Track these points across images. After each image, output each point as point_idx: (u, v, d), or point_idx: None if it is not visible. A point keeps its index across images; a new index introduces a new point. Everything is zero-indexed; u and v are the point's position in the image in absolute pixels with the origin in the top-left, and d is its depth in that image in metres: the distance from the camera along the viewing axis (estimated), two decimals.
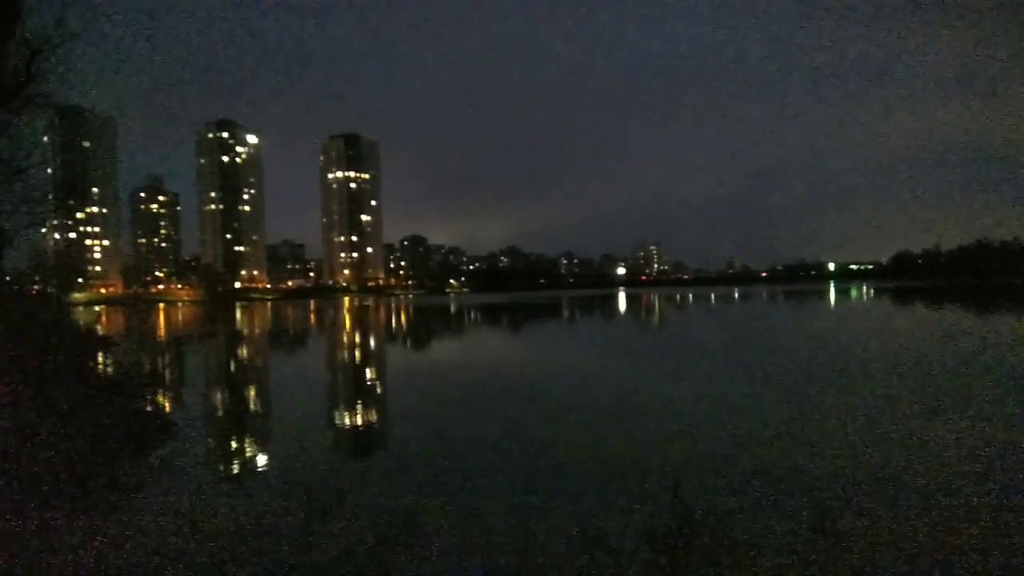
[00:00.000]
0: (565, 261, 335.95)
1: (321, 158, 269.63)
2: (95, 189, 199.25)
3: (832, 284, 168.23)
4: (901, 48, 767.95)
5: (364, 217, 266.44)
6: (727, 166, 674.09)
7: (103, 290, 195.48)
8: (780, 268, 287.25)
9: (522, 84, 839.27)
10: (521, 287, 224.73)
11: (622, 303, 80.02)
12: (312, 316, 71.55)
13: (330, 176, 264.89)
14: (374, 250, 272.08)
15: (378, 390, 17.96)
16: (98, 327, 46.58)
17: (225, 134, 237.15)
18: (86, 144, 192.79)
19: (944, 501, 7.06)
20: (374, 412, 14.35)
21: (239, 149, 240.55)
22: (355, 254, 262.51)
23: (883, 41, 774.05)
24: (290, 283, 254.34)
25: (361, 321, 56.77)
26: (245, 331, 48.36)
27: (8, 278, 38.22)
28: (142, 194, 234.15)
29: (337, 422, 13.33)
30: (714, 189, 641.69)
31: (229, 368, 25.01)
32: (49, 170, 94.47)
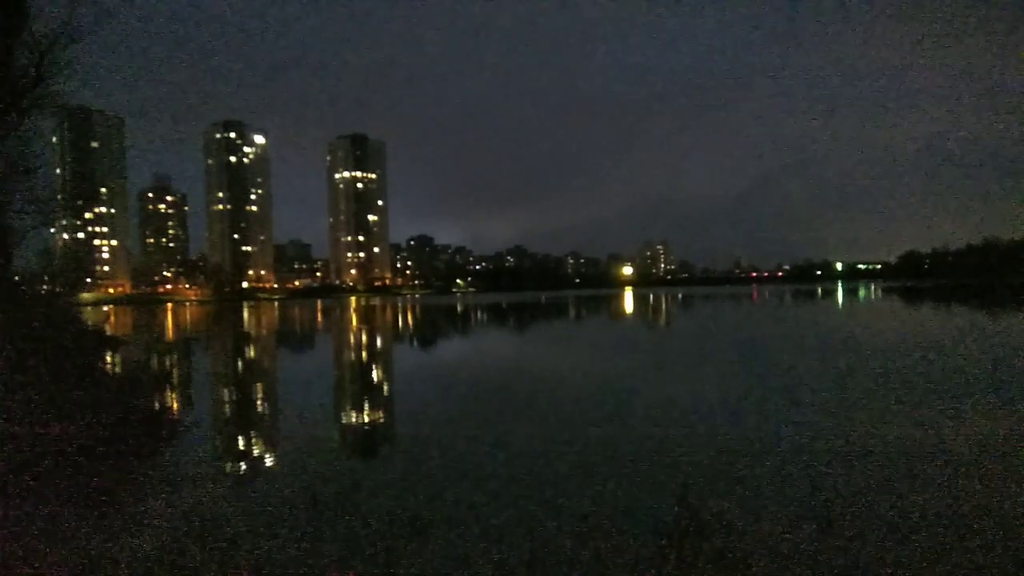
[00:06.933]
0: (571, 261, 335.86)
1: (328, 158, 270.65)
2: (103, 189, 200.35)
3: (840, 284, 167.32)
4: (906, 50, 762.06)
5: (371, 217, 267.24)
6: (734, 166, 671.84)
7: (111, 290, 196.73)
8: (787, 268, 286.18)
9: (529, 85, 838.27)
10: (527, 287, 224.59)
11: (629, 303, 79.77)
12: (320, 316, 71.68)
13: (337, 176, 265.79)
14: (381, 250, 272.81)
15: (386, 391, 17.89)
16: (107, 327, 46.77)
17: (232, 134, 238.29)
18: (94, 144, 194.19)
19: None
20: (382, 414, 14.28)
21: (246, 149, 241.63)
22: (362, 254, 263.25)
23: (889, 43, 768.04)
24: (297, 283, 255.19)
25: (370, 321, 56.81)
26: (253, 331, 48.47)
27: (17, 278, 38.34)
28: (150, 194, 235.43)
29: (351, 424, 13.25)
30: (721, 189, 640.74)
31: (238, 368, 25.00)
32: (58, 170, 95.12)
